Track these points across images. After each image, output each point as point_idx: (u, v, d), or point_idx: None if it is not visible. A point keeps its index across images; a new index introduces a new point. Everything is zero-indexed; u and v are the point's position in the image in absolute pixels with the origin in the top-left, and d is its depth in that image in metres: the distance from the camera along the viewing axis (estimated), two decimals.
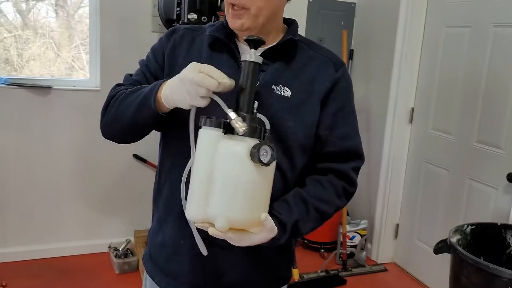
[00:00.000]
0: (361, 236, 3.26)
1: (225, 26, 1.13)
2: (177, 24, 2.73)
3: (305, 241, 3.44)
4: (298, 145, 1.10)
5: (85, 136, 3.01)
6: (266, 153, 0.91)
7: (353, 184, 1.15)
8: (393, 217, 3.31)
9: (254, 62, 0.98)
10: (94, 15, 2.99)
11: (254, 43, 1.00)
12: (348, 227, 3.22)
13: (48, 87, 2.89)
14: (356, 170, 1.16)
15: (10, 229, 2.97)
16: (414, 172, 3.16)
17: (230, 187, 0.90)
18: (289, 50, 1.12)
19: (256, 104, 0.98)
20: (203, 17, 2.61)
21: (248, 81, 0.97)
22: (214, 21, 2.64)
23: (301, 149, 1.11)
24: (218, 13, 2.67)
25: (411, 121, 3.17)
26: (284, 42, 1.11)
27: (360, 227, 3.27)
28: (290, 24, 1.18)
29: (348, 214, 3.32)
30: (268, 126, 0.98)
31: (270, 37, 1.12)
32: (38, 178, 2.98)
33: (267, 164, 0.91)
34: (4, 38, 3.06)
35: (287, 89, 1.09)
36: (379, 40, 3.30)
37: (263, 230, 0.96)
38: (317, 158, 1.14)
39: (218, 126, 0.92)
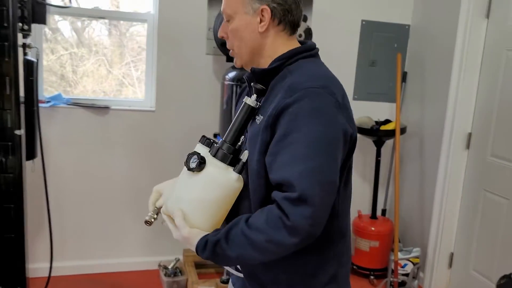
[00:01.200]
0: (414, 264, 3.15)
1: None
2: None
3: (354, 267, 3.37)
4: (252, 169, 1.15)
5: (139, 155, 3.10)
6: (195, 161, 1.11)
7: (287, 216, 1.02)
8: (447, 246, 3.18)
9: (249, 105, 1.16)
10: (151, 36, 3.09)
11: (256, 90, 1.18)
12: (400, 255, 3.13)
13: (106, 107, 3.01)
14: (290, 200, 1.03)
15: (67, 243, 3.08)
16: (471, 200, 3.04)
17: (176, 182, 1.20)
18: (270, 79, 1.19)
19: (242, 138, 1.16)
20: None
21: (238, 118, 1.17)
22: None
23: (255, 174, 1.15)
24: None
25: (468, 147, 3.06)
26: (251, 73, 1.21)
27: (412, 255, 3.17)
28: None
29: (400, 241, 3.22)
30: (244, 159, 1.13)
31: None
32: (94, 195, 3.08)
33: (191, 169, 1.12)
34: (61, 55, 3.21)
35: (262, 117, 1.15)
36: (435, 62, 3.22)
37: (178, 227, 1.13)
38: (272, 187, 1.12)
39: (206, 145, 1.16)
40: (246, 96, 1.17)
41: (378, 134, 3.23)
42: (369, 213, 3.47)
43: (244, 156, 1.13)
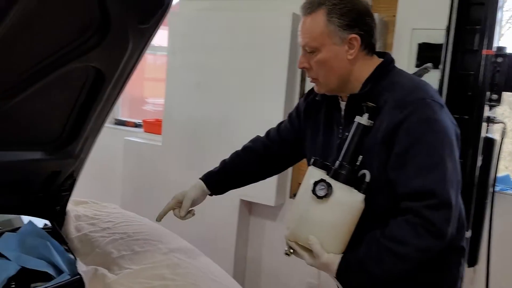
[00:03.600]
0: None
1: None
2: None
3: None
4: (371, 187, 1.13)
5: None
6: (323, 188, 1.11)
7: (431, 222, 1.05)
8: None
9: (363, 125, 1.15)
10: None
11: (368, 109, 1.15)
12: None
13: None
14: (431, 207, 1.06)
15: None
16: None
17: (297, 208, 1.20)
18: (370, 99, 1.17)
19: (360, 158, 1.14)
20: None
21: (354, 138, 1.15)
22: None
23: (374, 190, 1.13)
24: None
25: None
26: (350, 100, 1.22)
27: None
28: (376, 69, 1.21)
29: None
30: (367, 179, 1.12)
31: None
32: None
33: (320, 197, 1.11)
34: None
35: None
36: None
37: (315, 255, 1.14)
38: (399, 198, 1.12)
39: (322, 168, 1.16)
40: (357, 116, 1.16)
41: None
42: None
43: (367, 176, 1.13)
